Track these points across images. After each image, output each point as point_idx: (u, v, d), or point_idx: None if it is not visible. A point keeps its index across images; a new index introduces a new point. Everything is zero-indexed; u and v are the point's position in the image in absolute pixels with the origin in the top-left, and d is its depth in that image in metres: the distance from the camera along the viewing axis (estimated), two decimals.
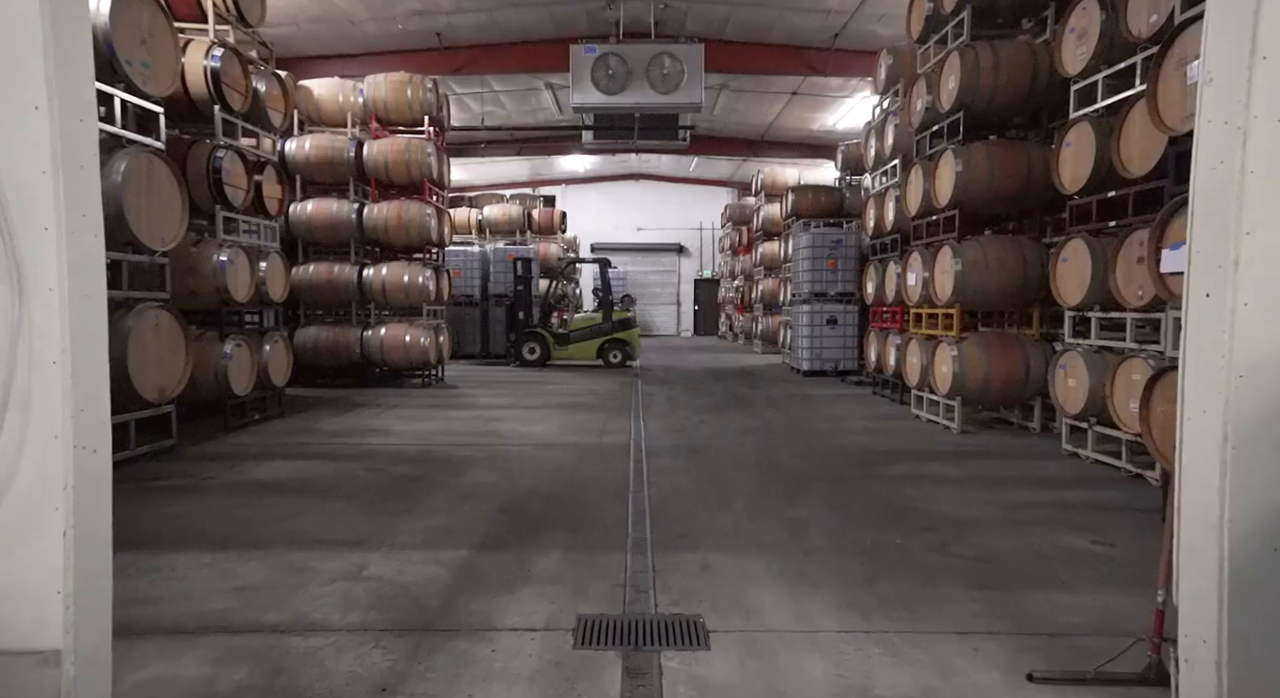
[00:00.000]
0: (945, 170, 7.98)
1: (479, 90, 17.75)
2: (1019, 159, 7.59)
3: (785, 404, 10.38)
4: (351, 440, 7.48)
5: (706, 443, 7.52)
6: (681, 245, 31.24)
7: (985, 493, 5.51)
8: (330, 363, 12.05)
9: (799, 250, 14.72)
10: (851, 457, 6.85)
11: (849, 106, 18.59)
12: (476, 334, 18.44)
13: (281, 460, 6.50)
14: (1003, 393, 7.80)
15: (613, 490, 5.59)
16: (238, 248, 7.81)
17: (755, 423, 8.75)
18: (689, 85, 13.33)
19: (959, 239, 7.88)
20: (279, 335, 8.75)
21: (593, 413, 9.42)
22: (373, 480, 5.83)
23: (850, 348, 14.17)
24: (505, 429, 8.21)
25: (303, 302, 12.11)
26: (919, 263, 8.69)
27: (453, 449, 7.09)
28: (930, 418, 8.70)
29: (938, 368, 8.23)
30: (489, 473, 6.12)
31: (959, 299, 7.83)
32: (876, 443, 7.53)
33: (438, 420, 8.76)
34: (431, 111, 12.12)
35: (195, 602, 3.40)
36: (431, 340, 12.03)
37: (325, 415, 9.02)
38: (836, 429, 8.33)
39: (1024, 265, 7.61)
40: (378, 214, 11.88)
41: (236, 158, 7.76)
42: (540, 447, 7.25)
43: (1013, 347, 7.76)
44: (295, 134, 11.92)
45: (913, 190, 8.94)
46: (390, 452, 6.95)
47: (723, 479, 5.98)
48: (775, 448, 7.27)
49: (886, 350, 10.57)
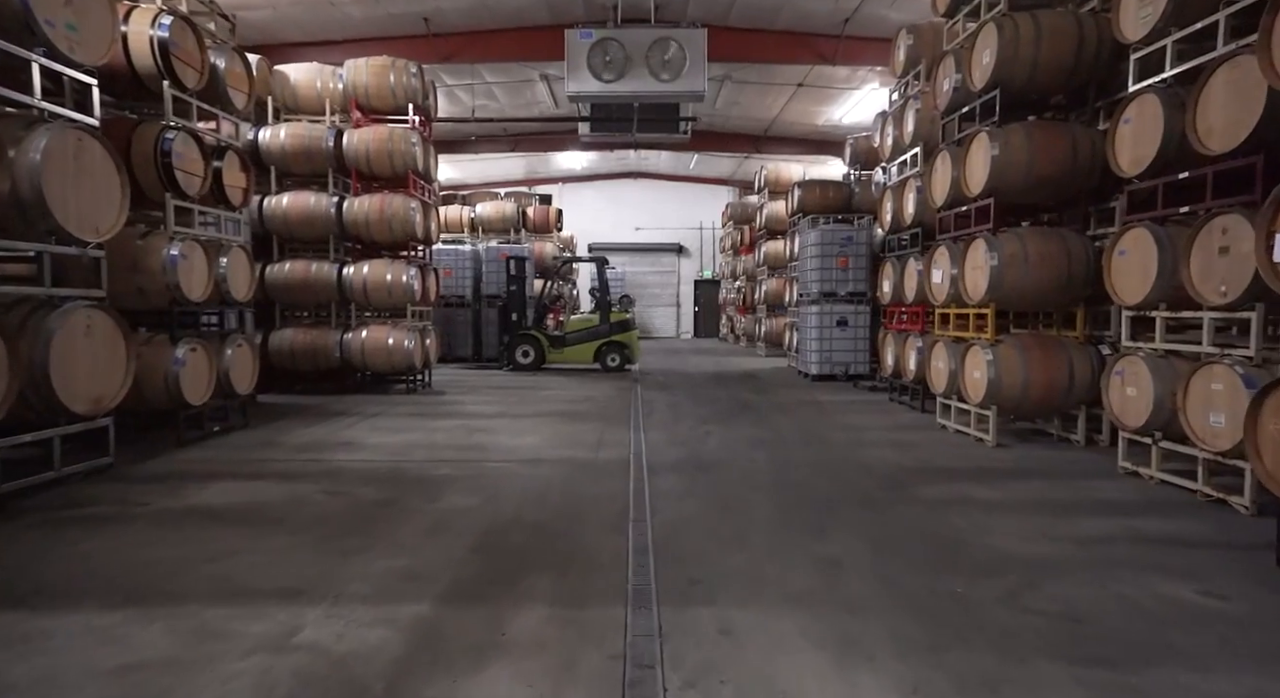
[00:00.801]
0: (978, 155, 7.21)
1: (470, 81, 16.97)
2: (1062, 141, 6.81)
3: (796, 412, 9.60)
4: (318, 456, 6.69)
5: (714, 458, 6.74)
6: (681, 245, 30.48)
7: (1044, 522, 4.72)
8: (308, 368, 11.25)
9: (806, 248, 13.96)
10: (879, 475, 6.07)
11: (856, 99, 17.83)
12: (468, 337, 17.65)
13: (232, 481, 5.69)
14: (1043, 402, 7.02)
15: (610, 518, 4.81)
16: (192, 241, 7.01)
17: (766, 434, 7.97)
18: (691, 73, 12.56)
19: (994, 231, 7.10)
20: (243, 338, 7.95)
21: (588, 423, 8.64)
22: (332, 507, 5.03)
23: (862, 351, 13.40)
24: (491, 442, 7.42)
25: (278, 302, 11.31)
26: (946, 258, 7.91)
27: (430, 466, 6.29)
28: (959, 428, 7.92)
29: (968, 374, 7.46)
30: (468, 496, 5.33)
31: (994, 298, 7.05)
32: (903, 458, 6.75)
33: (418, 432, 7.97)
34: (416, 98, 11.33)
35: (57, 693, 2.60)
36: (417, 343, 11.24)
37: (295, 426, 8.22)
38: (856, 441, 7.55)
39: (1067, 260, 6.83)
40: (358, 208, 11.09)
41: (191, 141, 6.97)
42: (528, 463, 6.46)
43: (1054, 350, 6.99)
44: (270, 122, 11.13)
45: (938, 179, 8.17)
46: (358, 470, 6.16)
47: (736, 503, 5.20)
48: (791, 464, 6.49)
49: (906, 354, 9.80)
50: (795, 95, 18.15)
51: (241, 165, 7.92)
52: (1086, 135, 6.82)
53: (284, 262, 11.18)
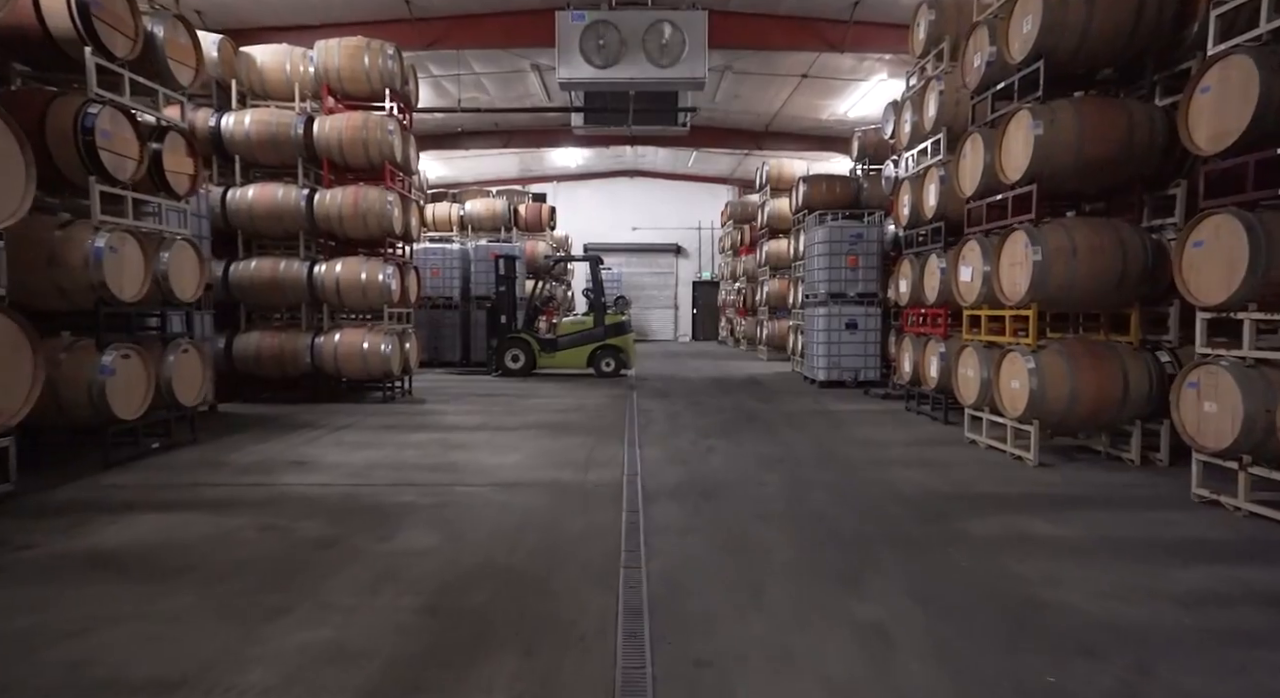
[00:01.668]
0: (1018, 136, 6.37)
1: (458, 72, 16.09)
2: (1117, 118, 5.97)
3: (807, 424, 8.74)
4: (264, 479, 5.81)
5: (720, 481, 5.88)
6: (679, 246, 29.62)
7: (1129, 571, 3.87)
8: (276, 374, 10.38)
9: (813, 246, 13.12)
10: (914, 503, 5.21)
11: (863, 92, 17.01)
12: (456, 340, 16.80)
13: (152, 514, 4.82)
14: (1093, 416, 6.17)
15: (597, 564, 3.95)
16: (124, 233, 6.14)
17: (776, 450, 7.11)
18: (690, 58, 11.75)
19: (1036, 222, 6.26)
20: (189, 343, 7.08)
21: (578, 436, 7.78)
22: (261, 548, 4.17)
23: (872, 355, 12.57)
24: (467, 461, 6.55)
25: (244, 303, 10.44)
26: (977, 254, 7.07)
27: (390, 492, 5.42)
28: (992, 444, 7.07)
29: (1005, 383, 6.61)
30: (428, 533, 4.47)
31: (1036, 297, 6.20)
32: (937, 481, 5.90)
33: (386, 447, 7.10)
34: (394, 83, 10.47)
35: None
36: (394, 348, 10.37)
37: (250, 441, 7.35)
38: (879, 459, 6.70)
39: (1122, 254, 5.98)
40: (330, 201, 10.22)
41: (121, 118, 6.10)
42: (506, 488, 5.60)
43: (1106, 357, 6.14)
44: (234, 108, 10.27)
45: (968, 166, 7.33)
46: (307, 497, 5.29)
47: (749, 543, 4.34)
48: (809, 488, 5.63)
49: (926, 360, 8.95)
50: (799, 88, 17.33)
51: (188, 149, 7.05)
52: (1144, 112, 5.98)
53: (250, 259, 10.31)
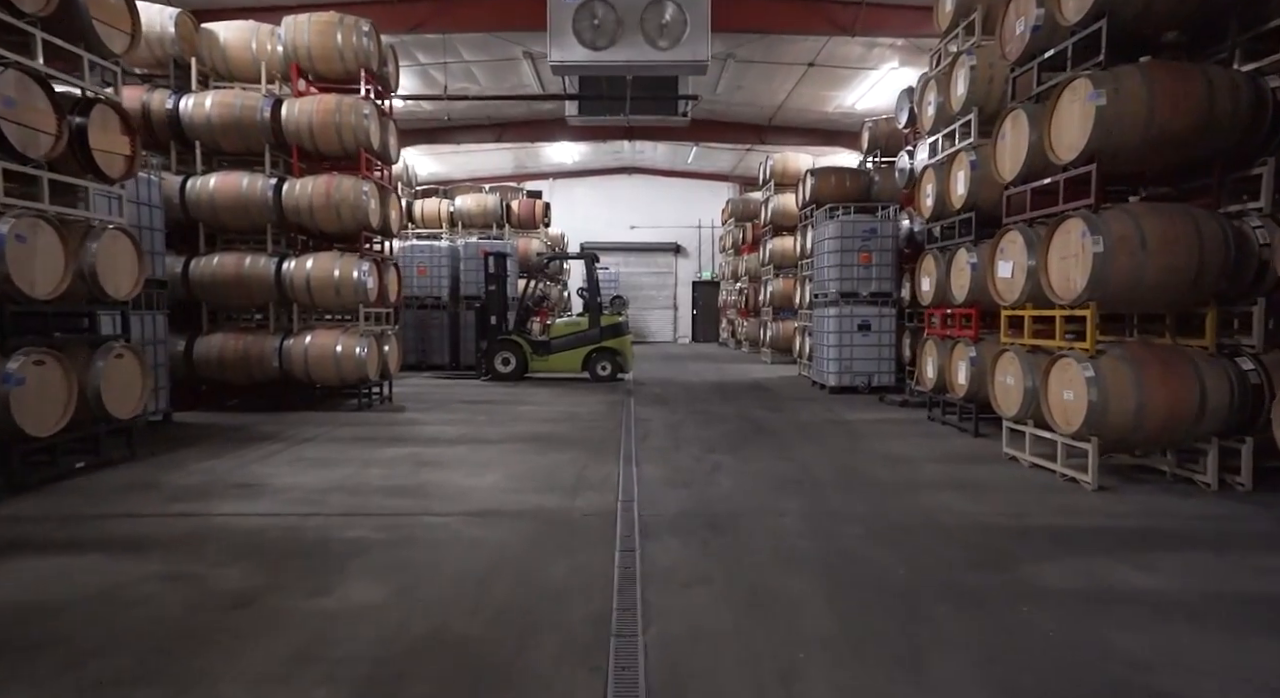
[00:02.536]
0: (1072, 110, 5.52)
1: (446, 60, 15.24)
2: (1193, 85, 5.11)
3: (822, 436, 7.89)
4: (197, 507, 4.95)
5: (730, 508, 5.03)
6: (678, 245, 28.77)
7: (1268, 647, 3.02)
8: (241, 380, 9.51)
9: (823, 242, 12.27)
10: (964, 540, 4.36)
11: (872, 81, 16.19)
12: (444, 342, 15.96)
13: (35, 558, 3.95)
14: (1163, 432, 5.32)
15: (580, 633, 3.10)
16: (34, 219, 5.28)
17: (792, 469, 6.26)
18: (692, 39, 10.88)
19: (1095, 208, 5.41)
20: (124, 347, 6.22)
21: (568, 451, 6.93)
22: (155, 610, 3.30)
23: (886, 359, 11.73)
24: (439, 482, 5.70)
25: (205, 302, 9.57)
26: (1019, 246, 6.22)
27: (342, 525, 4.57)
28: (1037, 462, 6.21)
29: (1055, 394, 5.76)
30: (375, 584, 3.61)
31: (1095, 295, 5.35)
32: (984, 509, 5.04)
33: (350, 465, 6.24)
34: (369, 63, 9.61)
35: None
36: (371, 351, 9.51)
37: (196, 458, 6.48)
38: (911, 481, 5.85)
39: (1199, 245, 5.13)
40: (300, 191, 9.36)
41: (32, 85, 5.24)
42: (479, 519, 4.74)
43: (1178, 365, 5.29)
44: (195, 89, 9.41)
45: (1009, 146, 6.48)
46: (240, 532, 4.43)
47: (773, 599, 3.49)
48: (837, 520, 4.78)
49: (953, 366, 8.11)
50: (805, 77, 16.51)
51: (123, 126, 6.18)
52: (1226, 78, 5.13)
53: (213, 255, 9.45)
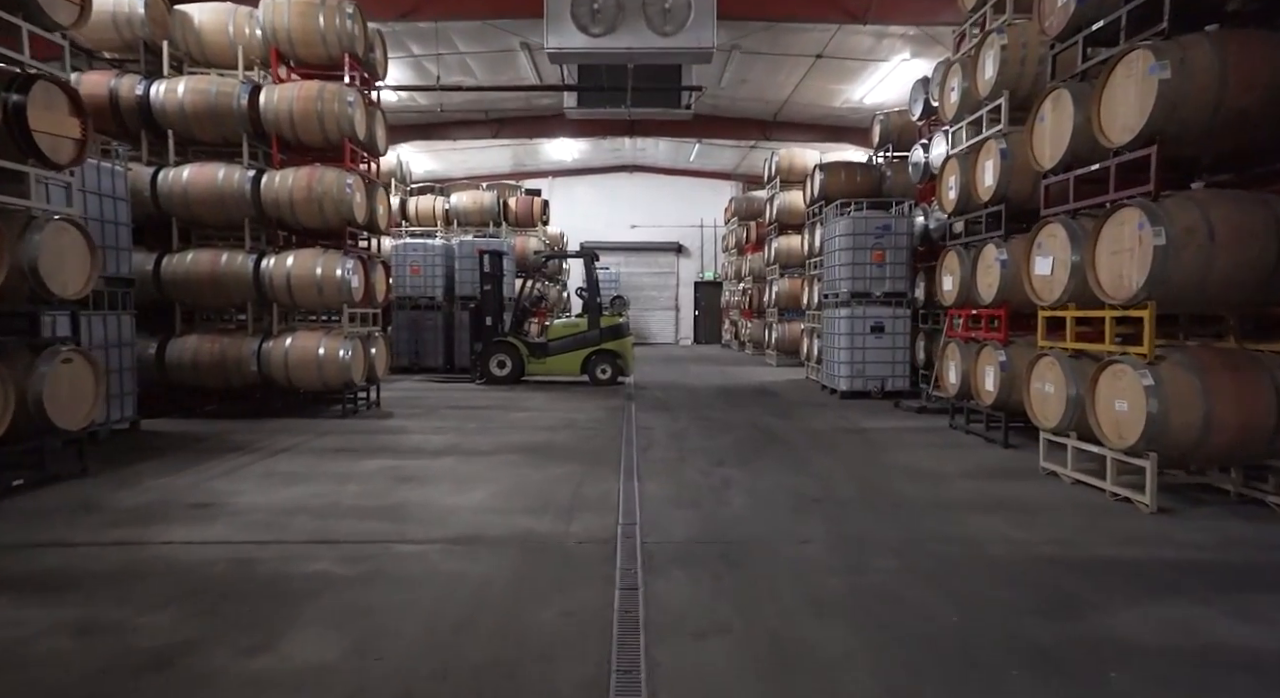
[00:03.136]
0: (1128, 87, 4.93)
1: (440, 51, 14.68)
2: (1270, 57, 4.54)
3: (839, 446, 7.31)
4: (140, 533, 4.37)
5: (745, 534, 4.44)
6: (680, 244, 28.19)
7: None
8: (218, 385, 8.94)
9: (834, 240, 11.69)
10: (1019, 578, 3.76)
11: (882, 74, 15.61)
12: (438, 344, 15.37)
13: None
14: (1234, 448, 4.74)
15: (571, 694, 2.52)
16: None
17: (810, 485, 5.67)
18: (697, 24, 10.33)
19: (1155, 196, 4.82)
20: (73, 351, 5.63)
21: (565, 463, 6.34)
22: (48, 674, 2.71)
23: (901, 362, 11.15)
24: (419, 501, 5.11)
25: (179, 302, 8.99)
26: (1062, 240, 5.63)
27: (302, 556, 3.98)
28: (1082, 479, 5.62)
29: (1105, 404, 5.17)
30: (328, 638, 3.02)
31: (1156, 294, 4.77)
32: (1035, 537, 4.45)
33: (322, 481, 5.65)
34: (354, 47, 9.03)
35: None
36: (356, 354, 8.93)
37: (155, 473, 5.90)
38: (944, 501, 5.25)
39: (1277, 236, 4.55)
40: (280, 184, 8.78)
41: None
42: (460, 547, 4.16)
43: (1249, 372, 4.70)
44: (167, 75, 8.83)
45: (1049, 130, 5.89)
46: (181, 566, 3.84)
47: (804, 656, 2.90)
48: (867, 549, 4.19)
49: (978, 371, 7.52)
50: (812, 70, 15.92)
51: (73, 108, 5.59)
52: None
53: (187, 252, 8.87)
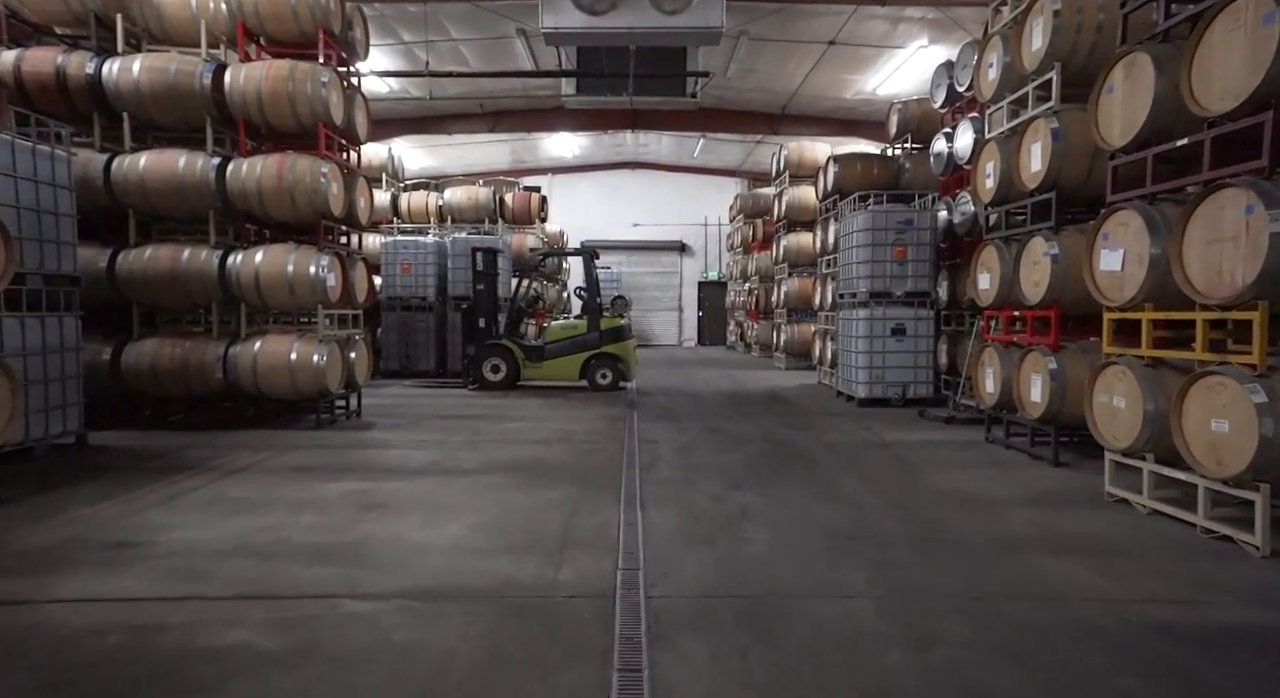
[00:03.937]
0: (1230, 44, 4.12)
1: (432, 37, 13.86)
2: None
3: (866, 464, 6.49)
4: (27, 585, 3.55)
5: (773, 587, 3.62)
6: (684, 243, 27.37)
7: None
8: (179, 392, 8.15)
9: (851, 236, 10.88)
10: (1132, 655, 2.94)
11: (897, 63, 14.79)
12: (430, 346, 14.58)
13: None
14: None
15: None
16: None
17: (842, 516, 4.85)
18: (704, 2, 9.54)
19: (1268, 174, 4.00)
20: None
21: (557, 486, 5.52)
22: None
23: (923, 367, 10.36)
24: (383, 537, 4.30)
25: (136, 302, 8.18)
26: (1138, 229, 4.81)
27: (224, 620, 3.16)
28: (1161, 509, 4.79)
29: (1199, 423, 4.35)
30: None
31: (1269, 291, 3.94)
32: (1132, 593, 3.61)
33: (276, 509, 4.85)
34: (329, 23, 8.22)
35: None
36: (332, 359, 8.13)
37: (81, 499, 5.08)
38: (1004, 538, 4.43)
39: None
40: (248, 173, 7.97)
41: None
42: (421, 605, 3.34)
43: None
44: (122, 52, 8.03)
45: (1120, 102, 5.07)
46: (63, 636, 3.03)
47: None
48: (926, 610, 3.36)
49: (1023, 379, 6.69)
50: (824, 58, 15.09)
51: None
52: None
53: (144, 247, 8.07)
